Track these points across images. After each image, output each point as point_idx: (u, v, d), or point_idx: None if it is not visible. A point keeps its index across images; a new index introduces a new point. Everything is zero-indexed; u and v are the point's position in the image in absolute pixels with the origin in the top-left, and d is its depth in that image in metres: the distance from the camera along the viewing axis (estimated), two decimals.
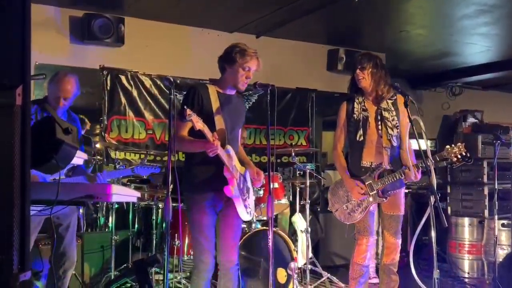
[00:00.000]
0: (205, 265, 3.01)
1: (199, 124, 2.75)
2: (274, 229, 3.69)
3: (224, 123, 3.07)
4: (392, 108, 3.61)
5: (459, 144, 3.56)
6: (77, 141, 1.69)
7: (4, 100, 1.42)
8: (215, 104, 3.05)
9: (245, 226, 4.18)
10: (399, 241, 3.66)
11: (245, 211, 3.10)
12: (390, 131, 3.56)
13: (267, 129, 3.06)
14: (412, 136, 3.27)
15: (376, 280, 5.31)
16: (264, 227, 4.19)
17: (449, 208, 5.49)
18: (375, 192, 3.54)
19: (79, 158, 3.08)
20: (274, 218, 5.11)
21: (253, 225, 4.24)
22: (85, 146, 4.09)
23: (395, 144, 3.56)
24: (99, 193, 2.25)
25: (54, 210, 3.05)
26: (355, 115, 3.56)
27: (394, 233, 3.63)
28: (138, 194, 2.54)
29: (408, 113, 3.26)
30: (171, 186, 3.87)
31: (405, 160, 3.62)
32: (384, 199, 3.59)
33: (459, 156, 3.54)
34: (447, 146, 3.61)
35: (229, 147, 3.05)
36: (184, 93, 3.13)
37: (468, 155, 3.58)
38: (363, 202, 3.55)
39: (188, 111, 2.68)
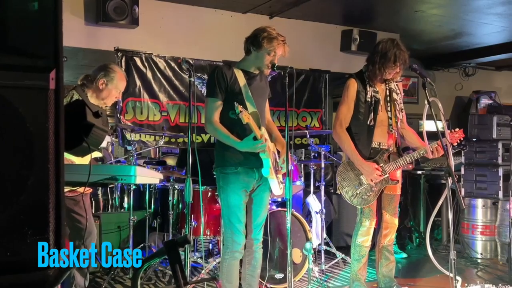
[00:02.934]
0: (238, 245, 3.08)
1: (247, 117, 2.83)
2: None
3: (254, 102, 3.10)
4: (398, 91, 3.63)
5: (457, 129, 3.61)
6: (107, 124, 1.71)
7: (38, 83, 1.43)
8: (242, 83, 3.08)
9: None
10: (397, 221, 3.72)
11: (279, 186, 3.14)
12: (398, 114, 3.58)
13: (285, 111, 3.08)
14: (429, 118, 3.27)
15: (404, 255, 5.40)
16: (280, 209, 4.22)
17: (462, 190, 5.49)
18: (387, 175, 3.56)
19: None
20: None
21: (269, 206, 4.27)
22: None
23: (399, 126, 3.61)
24: (123, 174, 2.29)
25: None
26: (368, 98, 3.54)
27: (394, 213, 3.68)
28: (161, 176, 2.57)
29: (426, 95, 3.25)
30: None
31: (413, 141, 3.70)
32: (395, 182, 3.61)
33: (459, 141, 3.60)
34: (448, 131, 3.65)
35: (263, 128, 3.09)
36: (208, 74, 3.18)
37: (463, 142, 3.66)
38: (377, 185, 3.55)
39: (240, 107, 2.78)
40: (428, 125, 3.46)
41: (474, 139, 5.44)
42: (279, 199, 4.46)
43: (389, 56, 3.42)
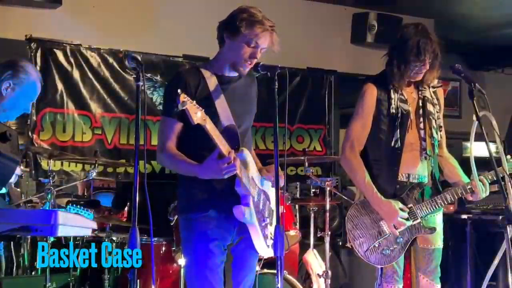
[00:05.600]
0: None
1: (199, 117, 2.68)
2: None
3: (232, 116, 3.10)
4: (436, 101, 3.65)
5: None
6: (18, 151, 1.68)
7: None
8: (215, 92, 3.08)
9: None
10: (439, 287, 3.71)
11: (264, 243, 3.10)
12: (435, 133, 3.60)
13: (274, 128, 3.01)
14: (478, 138, 3.30)
15: None
16: (267, 270, 4.20)
17: None
18: (419, 221, 3.56)
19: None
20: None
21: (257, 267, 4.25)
22: None
23: (437, 151, 3.64)
24: (39, 224, 2.26)
25: None
26: (392, 109, 3.56)
27: (433, 276, 3.67)
28: (94, 225, 2.55)
29: (475, 108, 3.28)
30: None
31: (452, 173, 3.71)
32: (431, 231, 3.62)
33: None
34: (509, 156, 3.65)
35: (244, 150, 3.07)
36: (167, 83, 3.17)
37: None
38: (404, 234, 3.55)
39: (183, 96, 2.58)
40: (477, 149, 3.48)
41: None
42: (265, 256, 4.44)
43: (409, 47, 3.44)
